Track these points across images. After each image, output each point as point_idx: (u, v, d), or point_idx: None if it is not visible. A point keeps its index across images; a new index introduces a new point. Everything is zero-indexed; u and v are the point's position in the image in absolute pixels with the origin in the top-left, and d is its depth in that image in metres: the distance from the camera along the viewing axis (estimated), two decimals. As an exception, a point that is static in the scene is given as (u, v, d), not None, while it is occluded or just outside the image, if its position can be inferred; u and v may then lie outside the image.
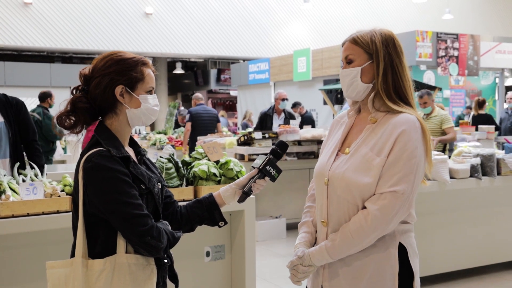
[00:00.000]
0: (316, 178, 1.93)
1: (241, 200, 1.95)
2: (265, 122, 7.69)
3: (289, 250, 5.74)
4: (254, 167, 1.95)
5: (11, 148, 3.88)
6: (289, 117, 7.85)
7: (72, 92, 1.82)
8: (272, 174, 1.93)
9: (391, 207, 1.73)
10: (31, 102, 14.84)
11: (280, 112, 7.85)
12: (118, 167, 1.70)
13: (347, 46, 1.89)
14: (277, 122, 7.74)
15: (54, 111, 7.02)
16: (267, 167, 1.93)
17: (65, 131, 1.81)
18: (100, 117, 1.84)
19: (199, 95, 8.86)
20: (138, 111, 1.80)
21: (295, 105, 11.39)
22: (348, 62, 1.88)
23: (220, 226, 1.98)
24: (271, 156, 1.95)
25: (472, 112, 10.49)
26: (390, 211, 1.73)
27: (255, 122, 13.82)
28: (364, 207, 1.78)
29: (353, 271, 1.81)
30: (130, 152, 1.86)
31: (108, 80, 1.76)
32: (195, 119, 8.25)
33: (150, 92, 1.83)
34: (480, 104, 9.87)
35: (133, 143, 1.91)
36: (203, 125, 8.24)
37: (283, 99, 7.78)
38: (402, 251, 1.82)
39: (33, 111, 7.41)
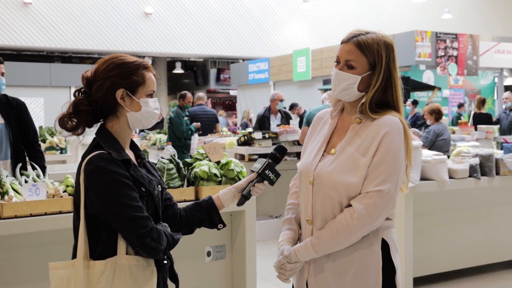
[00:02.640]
0: (301, 177, 1.95)
1: (240, 203, 1.97)
2: (263, 124, 7.79)
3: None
4: (253, 171, 1.98)
5: (12, 149, 3.89)
6: (285, 116, 7.93)
7: (74, 94, 1.85)
8: (271, 178, 1.95)
9: (377, 206, 1.77)
10: (30, 102, 14.86)
11: (276, 113, 7.94)
12: (119, 169, 1.72)
13: (351, 49, 1.84)
14: (275, 123, 7.85)
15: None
16: (266, 171, 1.95)
17: (66, 133, 1.83)
18: (101, 120, 1.86)
19: (200, 94, 9.04)
20: (138, 115, 1.82)
21: (293, 106, 11.42)
22: (349, 66, 1.85)
23: (219, 229, 2.00)
24: (270, 160, 1.97)
25: (473, 110, 10.53)
26: (375, 209, 1.77)
27: (254, 121, 13.89)
28: (349, 205, 1.81)
29: (338, 266, 1.85)
30: (131, 155, 1.88)
31: (110, 84, 1.78)
32: (192, 120, 8.37)
33: (151, 95, 1.85)
34: (482, 102, 9.91)
35: (133, 146, 1.93)
36: (201, 126, 8.35)
37: (281, 100, 7.90)
38: (384, 247, 1.86)
39: (172, 109, 8.14)
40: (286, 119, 7.91)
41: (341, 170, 1.82)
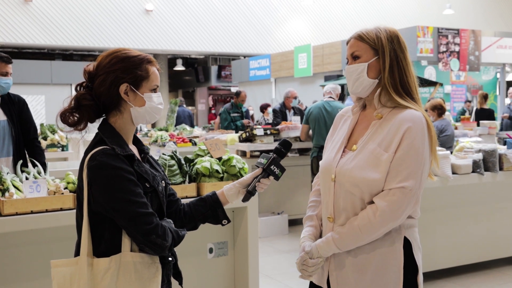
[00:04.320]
0: (322, 175, 1.94)
1: (246, 199, 1.96)
2: (280, 118, 7.99)
3: (291, 246, 5.75)
4: (258, 166, 1.95)
5: (14, 146, 3.89)
6: (299, 113, 8.10)
7: (76, 89, 1.81)
8: (276, 173, 1.93)
9: (400, 203, 1.75)
10: (32, 99, 14.84)
11: (290, 109, 8.16)
12: (123, 165, 1.69)
13: (352, 43, 1.90)
14: (290, 118, 8.07)
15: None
16: (272, 167, 1.93)
17: (68, 128, 1.79)
18: (103, 115, 1.82)
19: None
20: (142, 110, 1.79)
21: (294, 103, 11.46)
22: (354, 58, 1.89)
23: (223, 225, 1.98)
24: (275, 155, 1.95)
25: (475, 106, 10.53)
26: (398, 207, 1.75)
27: (255, 117, 13.88)
28: (371, 202, 1.79)
29: (359, 263, 1.83)
30: (134, 150, 1.85)
31: (113, 78, 1.75)
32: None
33: (154, 90, 1.82)
34: (484, 98, 9.92)
35: (136, 141, 1.90)
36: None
37: (295, 97, 8.10)
38: (407, 245, 1.84)
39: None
40: (300, 115, 8.02)
41: (363, 167, 1.80)
